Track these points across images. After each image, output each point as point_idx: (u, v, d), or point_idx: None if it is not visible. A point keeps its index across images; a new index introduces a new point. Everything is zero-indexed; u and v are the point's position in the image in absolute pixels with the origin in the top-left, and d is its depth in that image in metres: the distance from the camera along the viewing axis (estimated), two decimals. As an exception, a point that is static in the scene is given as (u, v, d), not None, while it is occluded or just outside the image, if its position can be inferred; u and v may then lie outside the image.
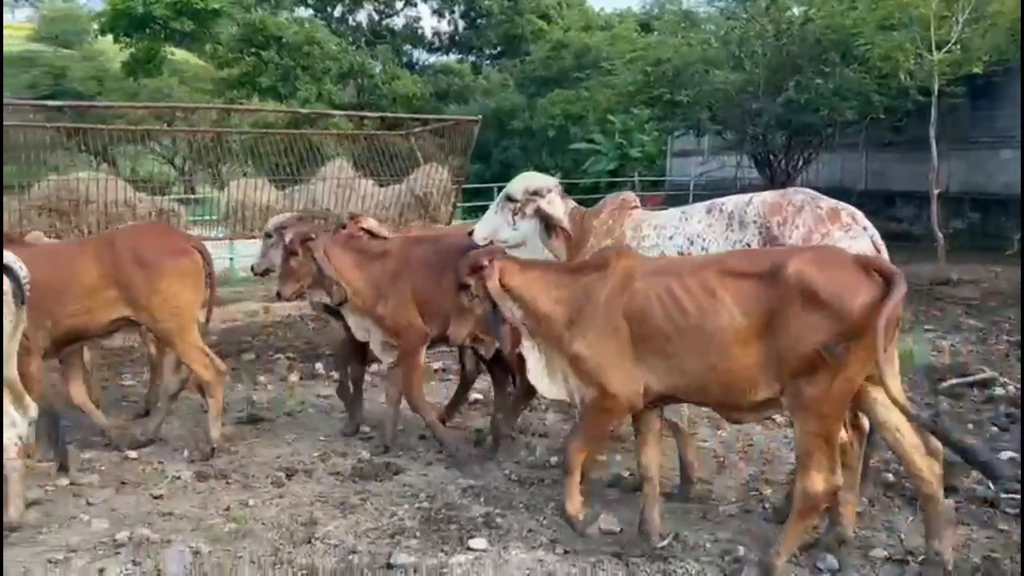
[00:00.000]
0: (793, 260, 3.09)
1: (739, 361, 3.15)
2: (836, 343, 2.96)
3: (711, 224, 3.96)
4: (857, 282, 3.01)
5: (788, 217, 3.71)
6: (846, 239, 3.57)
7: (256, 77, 31.32)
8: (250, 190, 9.58)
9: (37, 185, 8.37)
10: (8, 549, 3.74)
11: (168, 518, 4.04)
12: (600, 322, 3.41)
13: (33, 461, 4.51)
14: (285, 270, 4.96)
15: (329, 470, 4.69)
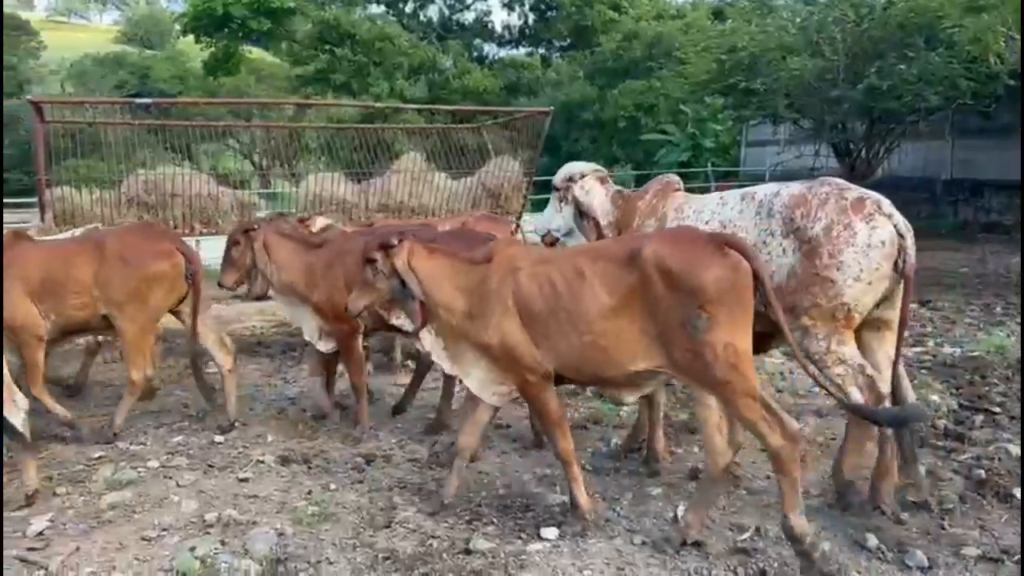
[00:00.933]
0: (649, 243, 3.36)
1: (612, 338, 3.38)
2: (697, 315, 3.18)
3: (743, 211, 4.05)
4: (708, 258, 3.24)
5: (811, 209, 3.74)
6: (866, 229, 3.61)
7: (330, 74, 31.94)
8: (327, 184, 9.76)
9: (126, 180, 8.70)
10: (104, 527, 3.92)
11: (253, 500, 4.17)
12: (498, 310, 3.62)
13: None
14: (226, 259, 5.23)
15: (407, 456, 4.76)
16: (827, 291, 3.63)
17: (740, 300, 3.22)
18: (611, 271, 3.40)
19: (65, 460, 4.85)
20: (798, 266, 3.71)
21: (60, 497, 4.30)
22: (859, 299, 3.64)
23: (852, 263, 3.60)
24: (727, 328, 3.19)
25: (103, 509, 4.10)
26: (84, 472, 4.64)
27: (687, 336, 3.21)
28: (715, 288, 3.18)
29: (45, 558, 3.57)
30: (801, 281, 3.69)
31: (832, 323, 3.67)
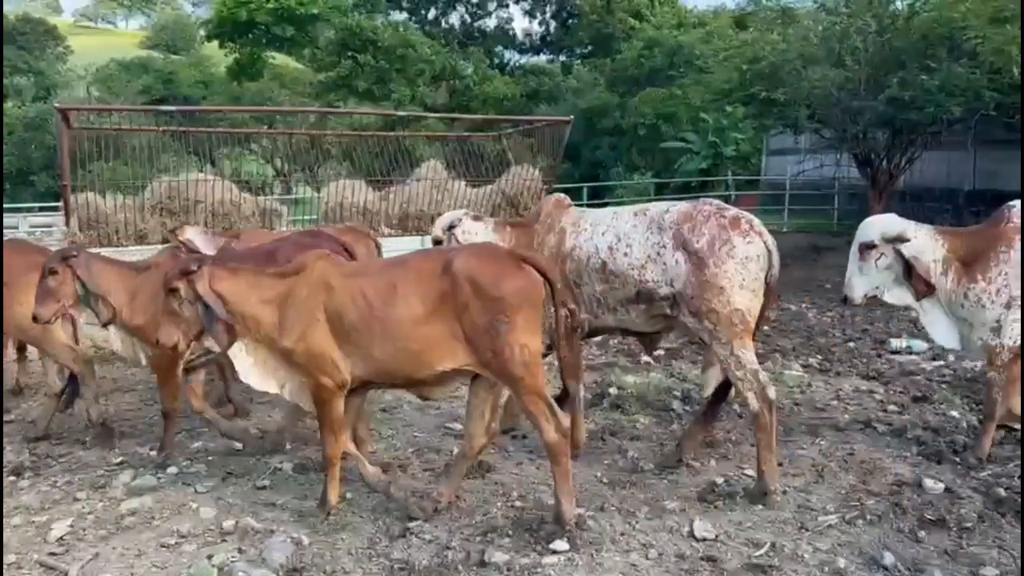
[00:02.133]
0: (459, 256, 3.79)
1: (424, 342, 3.75)
2: (499, 320, 3.64)
3: (636, 225, 4.43)
4: (509, 271, 3.72)
5: (696, 225, 4.21)
6: (743, 243, 4.14)
7: (352, 80, 32.14)
8: (348, 191, 9.83)
9: (150, 186, 8.81)
10: (123, 532, 3.97)
11: (271, 508, 4.20)
12: (305, 320, 3.85)
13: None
14: (42, 290, 4.73)
15: (423, 466, 4.78)
16: (719, 297, 4.12)
17: (534, 307, 3.75)
18: (424, 282, 3.76)
19: (86, 465, 4.92)
20: (691, 275, 4.17)
21: (80, 503, 4.36)
22: (749, 306, 4.16)
23: (734, 273, 4.11)
24: (523, 331, 3.68)
25: (123, 515, 4.15)
26: (104, 478, 4.70)
27: (491, 338, 3.67)
28: (515, 297, 3.67)
29: (65, 564, 3.62)
30: (696, 288, 4.17)
31: (732, 328, 4.14)
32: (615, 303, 4.52)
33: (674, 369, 6.94)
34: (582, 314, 4.61)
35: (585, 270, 4.56)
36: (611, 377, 6.49)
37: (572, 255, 4.62)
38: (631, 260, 4.37)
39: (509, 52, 40.79)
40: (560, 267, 4.58)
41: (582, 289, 4.59)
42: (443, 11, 38.49)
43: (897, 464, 4.69)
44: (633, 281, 4.37)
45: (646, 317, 4.49)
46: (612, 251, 4.45)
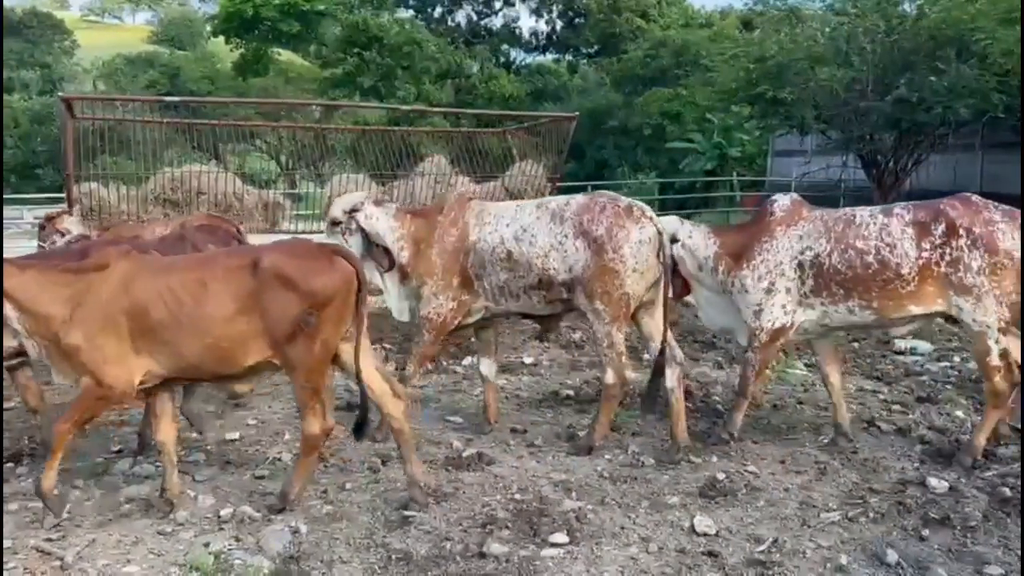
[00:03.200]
0: (268, 253, 3.81)
1: (231, 337, 3.75)
2: (309, 315, 3.69)
3: (539, 217, 4.75)
4: (320, 267, 3.78)
5: (595, 215, 4.59)
6: (637, 229, 4.55)
7: (358, 77, 32.13)
8: (351, 186, 9.78)
9: (153, 177, 8.78)
10: (120, 520, 3.94)
11: (268, 498, 4.16)
12: (99, 318, 3.73)
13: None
14: None
15: (423, 457, 4.72)
16: (614, 280, 4.54)
17: (345, 302, 3.82)
18: (233, 279, 3.76)
19: (85, 453, 4.89)
20: (590, 261, 4.56)
21: (79, 490, 4.34)
22: (635, 289, 4.60)
23: (629, 257, 4.52)
24: (329, 326, 3.78)
25: (120, 502, 4.13)
26: (102, 465, 4.67)
27: (298, 333, 3.71)
28: (325, 292, 3.74)
29: (61, 549, 3.60)
30: (593, 272, 4.56)
31: (616, 310, 4.59)
32: (518, 290, 4.84)
33: (677, 366, 6.89)
34: (482, 302, 4.97)
35: (489, 260, 4.85)
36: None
37: (476, 247, 4.89)
38: (535, 249, 4.70)
39: (515, 51, 40.76)
40: (463, 259, 4.91)
41: (484, 279, 4.90)
42: (449, 9, 38.47)
43: (901, 463, 4.65)
44: (537, 269, 4.72)
45: (545, 302, 4.85)
46: (518, 241, 4.76)
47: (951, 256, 4.36)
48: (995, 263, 4.30)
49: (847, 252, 4.55)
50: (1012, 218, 4.40)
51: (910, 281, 4.44)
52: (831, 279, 4.60)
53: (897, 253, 4.45)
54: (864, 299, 4.55)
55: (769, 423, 5.35)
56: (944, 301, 4.44)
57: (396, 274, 5.15)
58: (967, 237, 4.34)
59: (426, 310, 5.05)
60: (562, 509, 3.96)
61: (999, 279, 4.31)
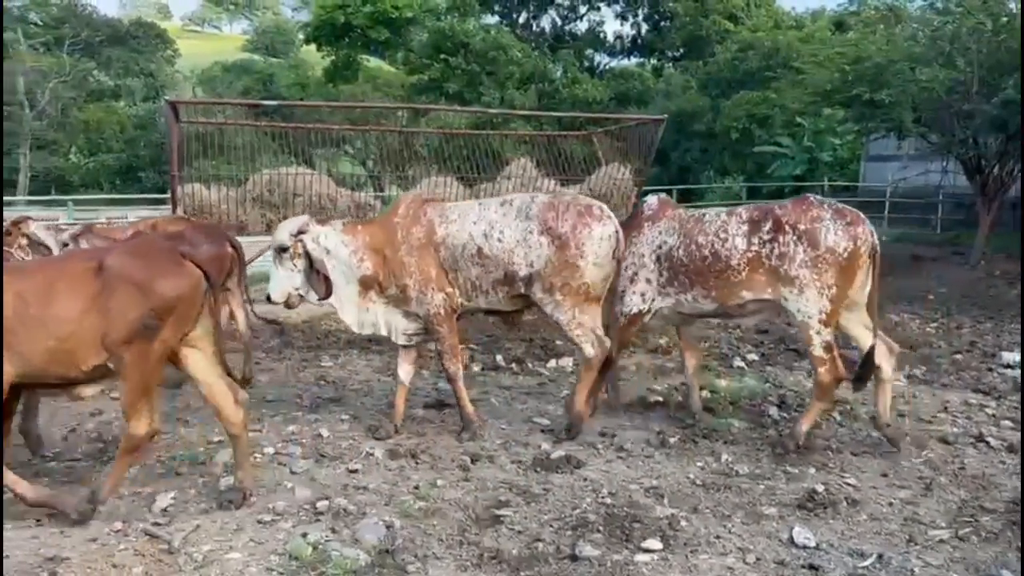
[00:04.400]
0: (113, 255, 3.76)
1: (78, 341, 3.67)
2: (151, 317, 3.66)
3: (505, 214, 4.93)
4: (165, 269, 3.76)
5: (559, 213, 4.82)
6: (599, 227, 4.80)
7: (443, 82, 32.53)
8: (438, 189, 9.91)
9: (252, 179, 9.08)
10: (221, 509, 4.07)
11: (362, 491, 4.25)
12: None
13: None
14: None
15: (511, 458, 4.76)
16: (574, 274, 4.79)
17: (191, 304, 3.80)
18: (78, 281, 3.69)
19: (188, 442, 5.08)
20: (553, 256, 4.78)
21: (182, 476, 4.51)
22: (595, 279, 4.85)
23: (590, 252, 4.77)
24: (171, 329, 3.74)
25: (222, 491, 4.26)
26: (205, 454, 4.85)
27: (139, 336, 3.67)
28: (170, 295, 3.71)
29: (168, 533, 3.74)
30: (555, 267, 4.79)
31: (576, 298, 4.83)
32: (488, 286, 5.01)
33: (768, 375, 6.73)
34: (457, 299, 5.07)
35: (461, 256, 4.99)
36: (702, 379, 6.33)
37: (445, 243, 5.01)
38: (504, 245, 4.88)
39: (599, 55, 40.56)
40: (434, 253, 5.01)
41: (458, 274, 5.03)
42: (534, 14, 38.57)
43: (1013, 480, 4.41)
44: (504, 264, 4.89)
45: (508, 298, 5.04)
46: (487, 237, 4.91)
47: (779, 250, 4.76)
48: (816, 257, 4.65)
49: (691, 246, 5.06)
50: (841, 216, 4.73)
51: (740, 271, 4.88)
52: (679, 270, 5.11)
53: (728, 246, 4.92)
54: (705, 288, 5.03)
55: (868, 435, 5.16)
56: (773, 290, 4.82)
57: (354, 287, 5.13)
58: (793, 233, 4.72)
59: (424, 308, 5.10)
60: (654, 515, 3.90)
61: (820, 272, 4.65)
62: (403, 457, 4.75)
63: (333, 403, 5.99)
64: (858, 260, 4.67)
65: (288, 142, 10.79)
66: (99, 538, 3.73)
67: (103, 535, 3.76)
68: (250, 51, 58.68)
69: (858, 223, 4.72)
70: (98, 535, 3.76)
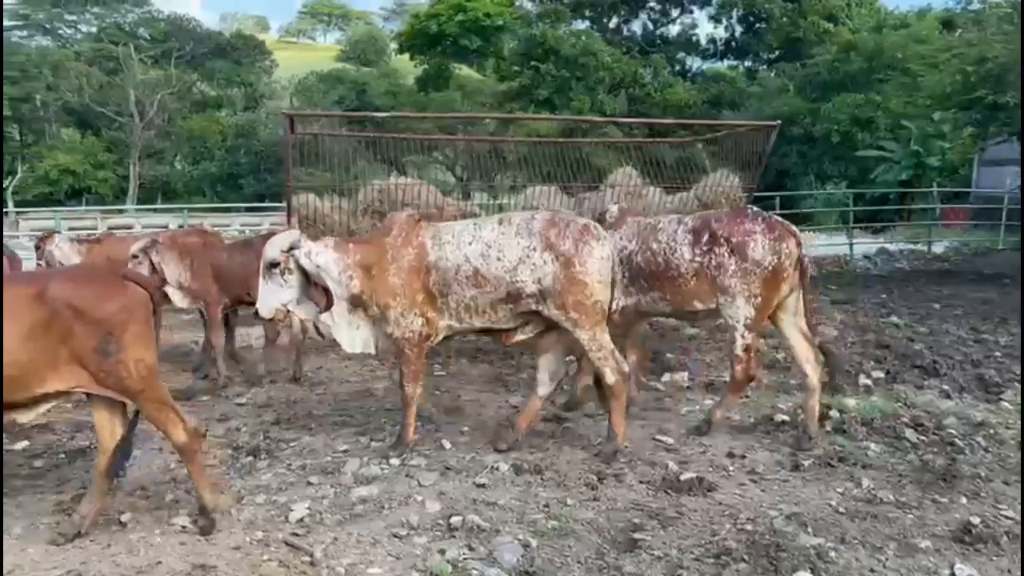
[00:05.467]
0: (54, 282, 3.73)
1: (20, 368, 3.60)
2: (107, 341, 3.67)
3: (504, 233, 4.87)
4: (109, 292, 3.77)
5: (560, 230, 4.80)
6: (599, 246, 4.82)
7: (533, 89, 32.64)
8: (543, 197, 9.87)
9: (362, 190, 9.24)
10: (357, 519, 4.11)
11: (492, 507, 4.21)
12: None
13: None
14: None
15: (639, 478, 4.65)
16: (584, 291, 4.77)
17: (142, 323, 3.80)
18: (19, 309, 3.60)
19: (314, 451, 5.17)
20: (560, 273, 4.75)
21: (314, 486, 4.57)
22: (604, 297, 4.86)
23: (594, 271, 4.78)
24: (135, 347, 3.74)
25: (354, 502, 4.30)
26: (332, 464, 4.91)
27: (102, 359, 3.68)
28: (120, 316, 3.72)
29: (308, 545, 3.79)
30: (564, 284, 4.76)
31: (593, 317, 4.82)
32: (485, 306, 4.93)
33: (897, 392, 6.40)
34: (445, 321, 5.02)
35: (455, 279, 4.90)
36: (830, 399, 6.07)
37: (437, 266, 4.93)
38: (504, 264, 4.81)
39: (692, 58, 39.98)
40: (424, 277, 4.94)
41: (449, 297, 4.94)
42: (626, 19, 38.32)
43: None
44: (506, 283, 4.82)
45: (512, 315, 4.96)
46: (485, 258, 4.84)
47: (715, 261, 5.19)
48: (745, 268, 5.09)
49: (646, 252, 5.45)
50: (770, 229, 5.14)
51: (689, 279, 5.30)
52: (637, 274, 5.49)
53: (677, 255, 5.33)
54: (660, 291, 5.45)
55: (1018, 462, 4.84)
56: (713, 298, 5.24)
57: (344, 305, 5.08)
58: (727, 245, 5.15)
59: (399, 331, 5.02)
60: (799, 544, 3.73)
61: (747, 282, 5.09)
62: (528, 472, 4.70)
63: (450, 413, 6.00)
64: (782, 272, 5.10)
65: (381, 150, 10.93)
66: (242, 547, 3.81)
67: (245, 544, 3.84)
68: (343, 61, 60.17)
69: (786, 237, 5.14)
70: (240, 543, 3.84)
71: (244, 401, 6.45)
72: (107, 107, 38.17)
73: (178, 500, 4.38)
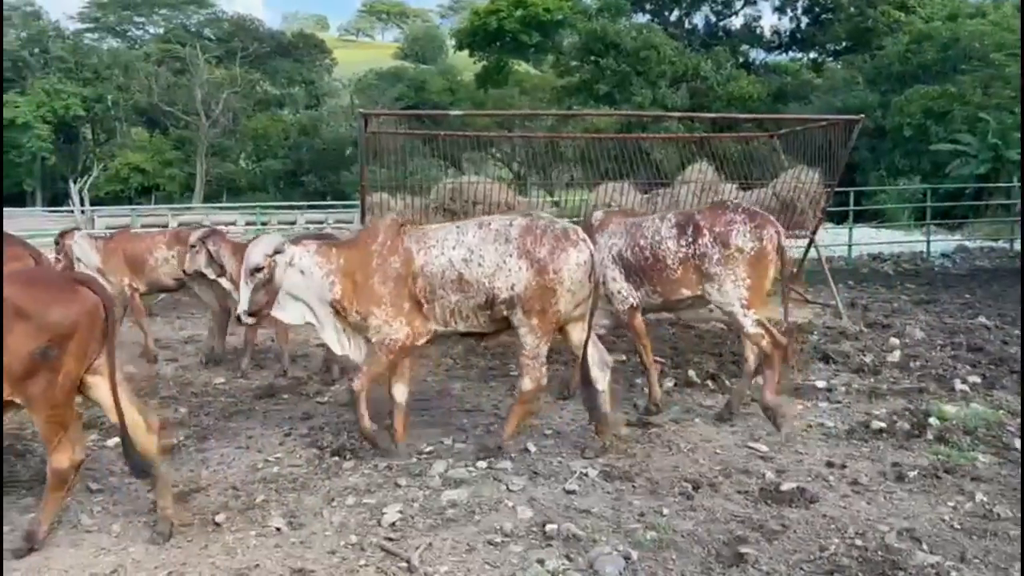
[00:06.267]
0: (4, 284, 3.52)
1: None
2: (49, 348, 3.51)
3: (484, 238, 4.83)
4: (58, 297, 3.62)
5: (538, 236, 4.77)
6: (575, 252, 4.77)
7: (593, 84, 32.37)
8: (616, 193, 9.72)
9: (435, 188, 9.23)
10: (449, 524, 4.04)
11: (586, 515, 4.11)
12: None
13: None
14: None
15: (735, 487, 4.49)
16: (550, 299, 4.75)
17: (90, 333, 3.67)
18: None
19: (399, 451, 5.12)
20: (532, 280, 4.71)
21: (402, 488, 4.53)
22: (567, 306, 4.83)
23: (567, 278, 4.74)
24: (72, 359, 3.61)
25: (444, 506, 4.25)
26: (418, 466, 4.86)
27: (38, 368, 3.51)
28: (66, 324, 3.56)
29: (404, 550, 3.73)
30: (534, 291, 4.72)
31: (548, 326, 4.82)
32: (468, 311, 4.90)
33: (997, 400, 6.11)
34: (431, 325, 4.96)
35: (440, 284, 4.85)
36: (927, 405, 5.82)
37: (424, 271, 4.87)
38: (484, 269, 4.77)
39: (755, 51, 39.22)
40: (411, 284, 4.86)
41: (435, 302, 4.89)
42: (687, 11, 37.74)
43: None
44: (485, 288, 4.78)
45: (490, 321, 4.92)
46: (467, 263, 4.80)
47: (699, 251, 5.47)
48: (728, 255, 5.38)
49: (635, 248, 5.73)
50: (751, 218, 5.45)
51: (676, 270, 5.58)
52: (630, 269, 5.76)
53: (663, 248, 5.61)
54: (651, 284, 5.70)
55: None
56: (700, 287, 5.53)
57: (327, 308, 4.99)
58: (710, 235, 5.45)
59: (380, 337, 4.93)
60: (916, 562, 3.54)
61: (733, 267, 5.38)
62: (618, 479, 4.58)
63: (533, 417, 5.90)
64: (766, 257, 5.39)
65: (441, 148, 10.87)
66: (337, 551, 3.78)
67: (340, 548, 3.81)
68: (401, 58, 60.69)
69: (766, 225, 5.43)
70: (335, 548, 3.81)
71: (326, 399, 6.46)
72: (175, 106, 39.14)
73: (269, 500, 4.39)
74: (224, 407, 6.31)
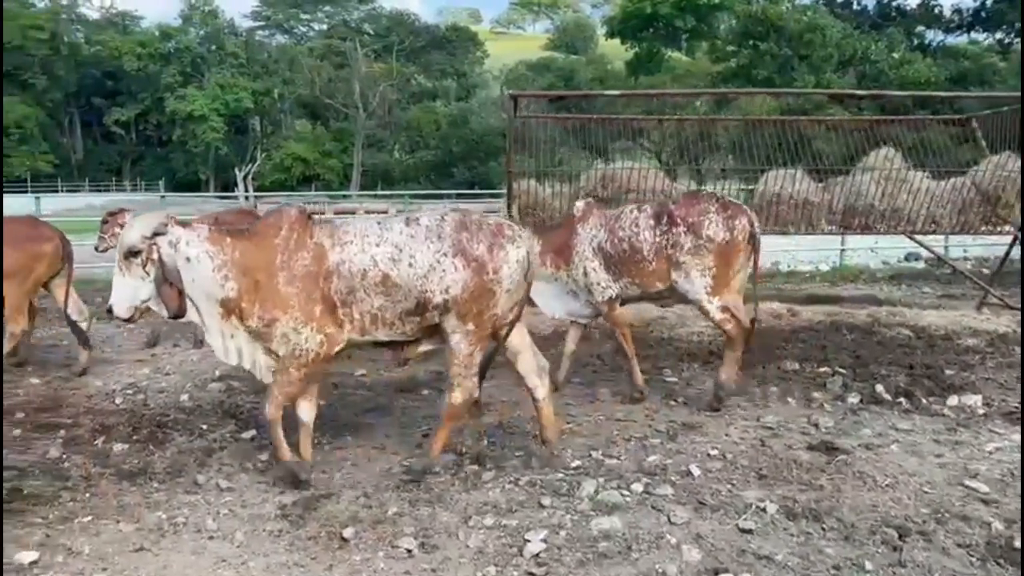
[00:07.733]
0: None
1: None
2: None
3: (413, 235, 4.32)
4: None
5: (473, 234, 4.33)
6: (513, 249, 4.37)
7: (751, 69, 30.79)
8: (787, 183, 8.80)
9: (585, 175, 8.67)
10: (601, 561, 3.49)
11: (768, 563, 3.43)
12: None
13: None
14: None
15: (953, 537, 3.65)
16: (489, 300, 4.33)
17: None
18: None
19: (542, 464, 4.60)
20: (470, 280, 4.27)
21: (546, 510, 4.00)
22: (504, 309, 4.43)
23: (506, 277, 4.34)
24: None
25: (595, 537, 3.68)
26: (564, 484, 4.32)
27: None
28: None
29: (549, 588, 3.20)
30: (472, 292, 4.29)
31: (483, 331, 4.40)
32: (393, 317, 4.35)
33: None
34: (345, 334, 4.33)
35: (360, 286, 4.26)
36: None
37: (340, 270, 4.25)
38: (416, 271, 4.26)
39: (932, 32, 36.13)
40: (323, 284, 4.23)
41: (353, 307, 4.28)
42: (856, -10, 35.23)
43: None
44: (416, 291, 4.27)
45: (417, 328, 4.42)
46: (395, 263, 4.27)
47: (672, 240, 5.56)
48: (698, 245, 5.49)
49: (614, 239, 5.75)
50: (724, 209, 5.54)
51: (652, 261, 5.65)
52: (610, 261, 5.78)
53: (640, 239, 5.67)
54: (629, 276, 5.76)
55: None
56: (671, 276, 5.62)
57: (216, 308, 4.20)
58: (683, 225, 5.53)
59: (287, 348, 4.20)
60: None
61: (701, 257, 5.49)
62: (803, 518, 3.85)
63: (691, 430, 5.24)
64: (736, 247, 5.48)
65: (587, 136, 10.25)
66: (475, 583, 3.30)
67: (478, 579, 3.32)
68: (551, 49, 60.44)
69: (739, 215, 5.52)
70: (473, 578, 3.33)
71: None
72: (335, 99, 40.62)
73: (402, 513, 3.97)
74: (363, 401, 6.03)
